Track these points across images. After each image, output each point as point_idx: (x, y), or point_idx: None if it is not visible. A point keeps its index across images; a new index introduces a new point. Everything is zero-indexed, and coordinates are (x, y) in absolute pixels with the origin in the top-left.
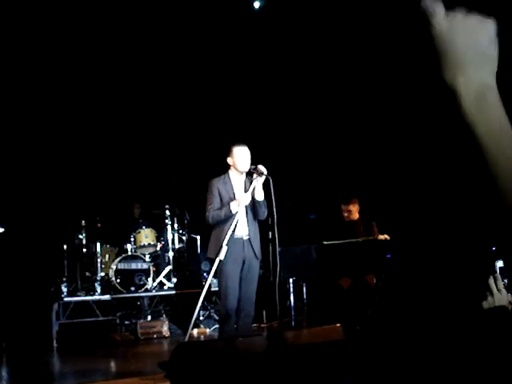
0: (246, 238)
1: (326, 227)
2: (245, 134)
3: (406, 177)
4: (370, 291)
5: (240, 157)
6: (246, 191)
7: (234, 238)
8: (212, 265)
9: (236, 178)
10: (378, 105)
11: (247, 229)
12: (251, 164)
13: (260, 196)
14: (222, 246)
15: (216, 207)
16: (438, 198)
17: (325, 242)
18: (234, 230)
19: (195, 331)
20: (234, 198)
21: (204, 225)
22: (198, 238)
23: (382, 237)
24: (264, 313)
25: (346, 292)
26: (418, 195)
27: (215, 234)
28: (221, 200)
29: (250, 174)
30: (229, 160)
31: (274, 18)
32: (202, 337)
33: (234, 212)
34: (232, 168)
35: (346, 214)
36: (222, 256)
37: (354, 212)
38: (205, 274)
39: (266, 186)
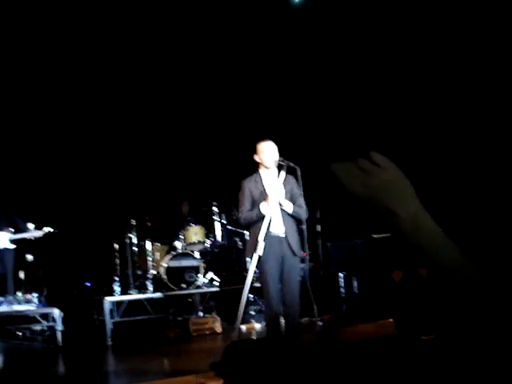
0: (282, 235)
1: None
2: (290, 130)
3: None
4: (422, 284)
5: (265, 152)
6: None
7: (270, 236)
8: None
9: (266, 174)
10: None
11: (283, 226)
12: (283, 159)
13: (289, 209)
14: (258, 242)
15: (247, 208)
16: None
17: (374, 236)
18: (268, 228)
19: (244, 327)
20: (266, 195)
21: None
22: (247, 233)
23: None
24: (315, 306)
25: (398, 285)
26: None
27: (252, 232)
28: (253, 200)
29: (280, 170)
30: (256, 157)
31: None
32: (252, 332)
33: (264, 213)
34: (261, 165)
35: None
36: (260, 251)
37: None
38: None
39: (294, 175)
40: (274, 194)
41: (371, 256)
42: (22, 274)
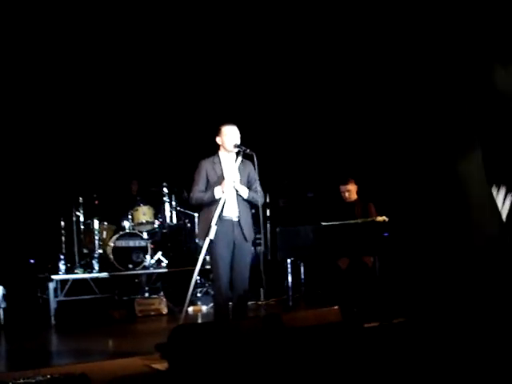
0: (235, 219)
1: (324, 207)
2: (243, 113)
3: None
4: (367, 272)
5: (228, 135)
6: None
7: (223, 219)
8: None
9: (226, 158)
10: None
11: (237, 210)
12: (240, 144)
13: (244, 194)
14: (210, 226)
15: (201, 189)
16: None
17: (323, 223)
18: (222, 211)
19: (191, 309)
20: (223, 179)
21: None
22: (196, 215)
23: (380, 218)
24: (262, 290)
25: (344, 272)
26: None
27: (203, 215)
28: (208, 181)
29: (238, 154)
30: (218, 139)
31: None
32: (198, 314)
33: (217, 197)
34: (221, 148)
35: (346, 195)
36: (211, 235)
37: (353, 192)
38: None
39: (251, 161)
40: (230, 178)
41: (319, 243)
42: None
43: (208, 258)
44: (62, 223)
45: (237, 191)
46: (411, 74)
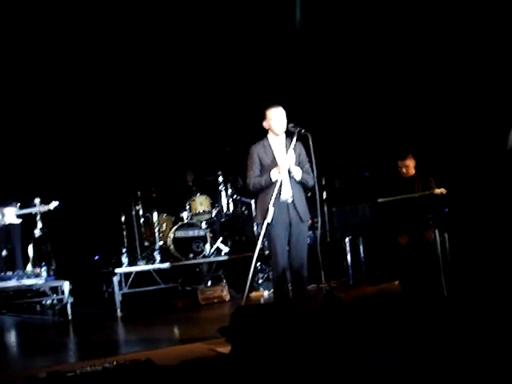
0: (290, 200)
1: (382, 184)
2: (297, 94)
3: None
4: (428, 247)
5: (275, 119)
6: (287, 153)
7: (279, 202)
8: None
9: (275, 141)
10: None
11: (291, 191)
12: (288, 123)
13: (298, 175)
14: (268, 209)
15: (256, 174)
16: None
17: (379, 200)
18: (278, 194)
19: (253, 294)
20: (276, 162)
21: None
22: (252, 202)
23: (438, 191)
24: (322, 273)
25: (404, 249)
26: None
27: (260, 199)
28: (261, 165)
29: (289, 135)
30: (264, 124)
31: None
32: (260, 299)
33: (273, 180)
34: (270, 131)
35: (404, 170)
36: (269, 219)
37: (411, 167)
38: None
39: (305, 143)
40: (285, 161)
41: (377, 220)
42: (30, 249)
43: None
44: (123, 218)
45: (290, 173)
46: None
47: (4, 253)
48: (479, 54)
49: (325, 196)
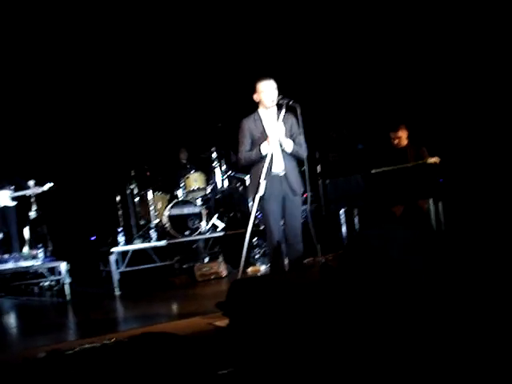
0: (282, 173)
1: (375, 156)
2: (289, 68)
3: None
4: (422, 217)
5: (265, 91)
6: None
7: (271, 175)
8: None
9: (266, 114)
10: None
11: (283, 164)
12: (283, 96)
13: (289, 148)
14: (259, 183)
15: (247, 148)
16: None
17: (373, 170)
18: (269, 167)
19: (250, 269)
20: (266, 135)
21: None
22: (247, 177)
23: (432, 160)
24: (318, 246)
25: (399, 219)
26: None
27: (252, 173)
28: (253, 140)
29: (280, 108)
30: (255, 97)
31: None
32: (257, 274)
33: (264, 153)
34: (260, 105)
35: (395, 142)
36: (261, 192)
37: (404, 138)
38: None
39: (294, 113)
40: (275, 134)
41: (371, 191)
42: (26, 231)
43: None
44: (118, 198)
45: (281, 145)
46: None
47: (0, 236)
48: (472, 21)
49: (319, 169)
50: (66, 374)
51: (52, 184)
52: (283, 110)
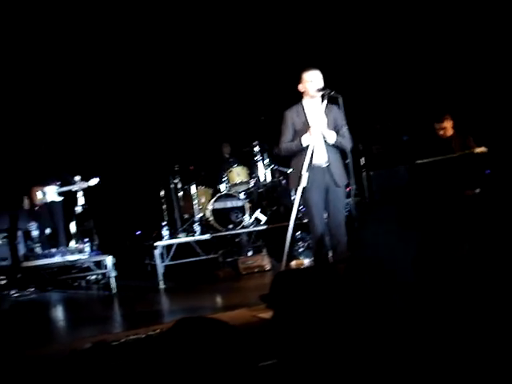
0: (325, 165)
1: (420, 146)
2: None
3: None
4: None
5: (311, 81)
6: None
7: (313, 167)
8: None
9: (309, 104)
10: None
11: (326, 156)
12: (326, 87)
13: (332, 139)
14: (301, 175)
15: (288, 139)
16: None
17: (418, 161)
18: (311, 159)
19: (293, 263)
20: (309, 126)
21: None
22: (289, 171)
23: (479, 150)
24: None
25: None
26: None
27: (293, 164)
28: (295, 130)
29: (323, 99)
30: (300, 87)
31: None
32: (301, 268)
33: (304, 145)
34: (304, 95)
35: (441, 132)
36: (304, 183)
37: (449, 128)
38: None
39: (337, 105)
40: (317, 125)
41: (416, 182)
42: (72, 226)
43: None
44: (162, 192)
45: (324, 137)
46: None
47: (47, 231)
48: None
49: (363, 162)
50: (112, 365)
51: (97, 179)
52: (325, 101)
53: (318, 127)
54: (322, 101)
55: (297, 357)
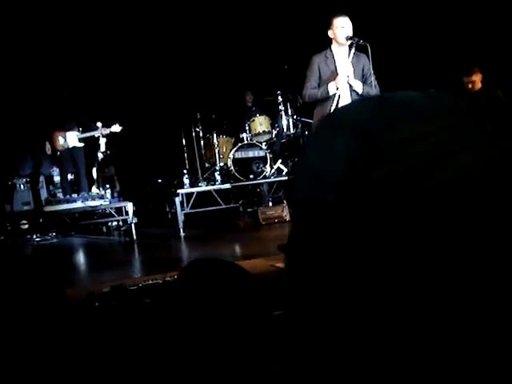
0: None
1: None
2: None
3: None
4: None
5: (341, 27)
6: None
7: None
8: None
9: (338, 52)
10: None
11: None
12: (354, 35)
13: (359, 89)
14: None
15: (313, 85)
16: None
17: None
18: (337, 107)
19: None
20: (336, 74)
21: None
22: (312, 121)
23: None
24: None
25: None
26: None
27: (317, 112)
28: (320, 77)
29: (351, 48)
30: (329, 33)
31: None
32: None
33: (331, 93)
34: (333, 41)
35: (469, 86)
36: None
37: (477, 82)
38: None
39: (366, 53)
40: (345, 73)
41: None
42: (94, 172)
43: None
44: (184, 141)
45: (351, 86)
46: None
47: (70, 176)
48: None
49: None
50: (129, 308)
51: (119, 125)
52: (353, 50)
53: (345, 76)
54: (350, 49)
55: (310, 306)
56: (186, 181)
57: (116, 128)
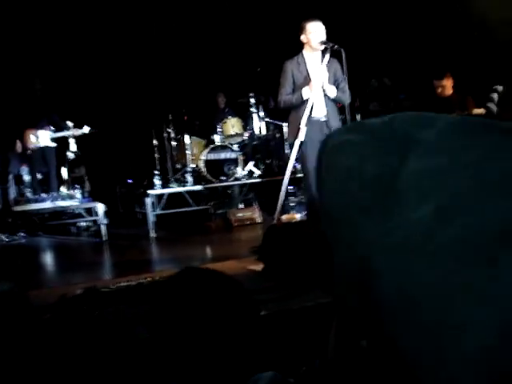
0: (323, 119)
1: (417, 105)
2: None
3: None
4: None
5: (314, 32)
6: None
7: (311, 120)
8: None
9: (310, 57)
10: None
11: (325, 109)
12: (326, 40)
13: (332, 93)
14: (299, 128)
15: (288, 91)
16: None
17: None
18: (310, 112)
19: (285, 217)
20: (309, 79)
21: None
22: (285, 124)
23: (478, 111)
24: None
25: None
26: None
27: (292, 117)
28: (294, 82)
29: (324, 53)
30: (302, 37)
31: None
32: (292, 222)
33: (305, 98)
34: (306, 46)
35: (439, 90)
36: (301, 137)
37: (448, 87)
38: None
39: (338, 58)
40: (318, 79)
41: None
42: (64, 172)
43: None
44: (155, 141)
45: (324, 91)
46: None
47: (39, 176)
48: None
49: (359, 119)
50: (102, 311)
51: (91, 129)
52: (327, 55)
53: (318, 81)
54: (324, 54)
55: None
56: (157, 182)
57: (86, 129)
